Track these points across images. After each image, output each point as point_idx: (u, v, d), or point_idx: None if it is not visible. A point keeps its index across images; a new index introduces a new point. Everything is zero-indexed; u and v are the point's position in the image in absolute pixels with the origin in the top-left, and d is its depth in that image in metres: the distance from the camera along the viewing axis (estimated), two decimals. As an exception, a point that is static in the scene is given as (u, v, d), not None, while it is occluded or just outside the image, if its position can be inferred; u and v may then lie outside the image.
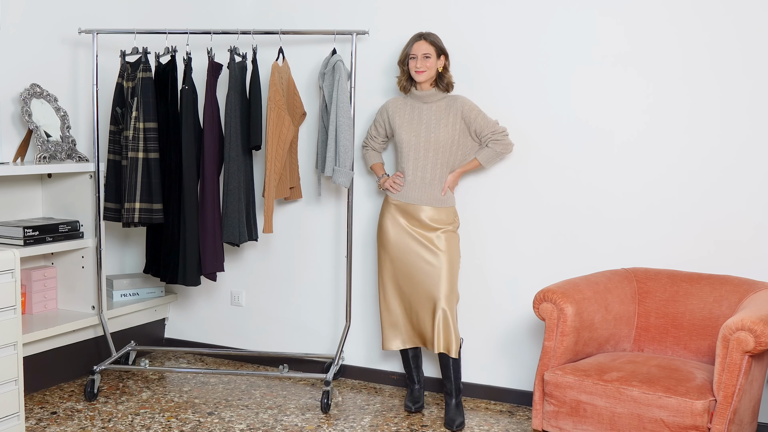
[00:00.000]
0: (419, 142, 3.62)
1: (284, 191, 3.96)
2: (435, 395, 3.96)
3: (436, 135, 3.60)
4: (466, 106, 3.62)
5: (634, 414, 2.86)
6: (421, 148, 3.62)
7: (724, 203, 3.42)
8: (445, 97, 3.67)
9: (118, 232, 4.54)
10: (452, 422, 3.55)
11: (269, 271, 4.37)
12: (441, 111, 3.63)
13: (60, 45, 4.16)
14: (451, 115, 3.62)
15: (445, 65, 3.64)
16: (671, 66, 3.47)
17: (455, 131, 3.62)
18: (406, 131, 3.65)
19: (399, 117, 3.69)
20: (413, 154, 3.63)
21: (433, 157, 3.61)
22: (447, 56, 3.64)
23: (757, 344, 2.70)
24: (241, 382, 4.13)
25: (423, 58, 3.57)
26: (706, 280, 3.29)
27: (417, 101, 3.68)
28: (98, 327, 4.11)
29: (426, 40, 3.59)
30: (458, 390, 3.64)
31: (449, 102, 3.65)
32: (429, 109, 3.65)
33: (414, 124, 3.65)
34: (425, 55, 3.57)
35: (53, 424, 3.52)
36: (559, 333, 3.13)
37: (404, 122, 3.67)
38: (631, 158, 3.57)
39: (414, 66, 3.59)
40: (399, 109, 3.71)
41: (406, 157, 3.65)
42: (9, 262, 3.11)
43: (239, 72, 3.89)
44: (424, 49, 3.57)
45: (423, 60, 3.57)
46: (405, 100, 3.72)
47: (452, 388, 3.62)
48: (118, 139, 3.96)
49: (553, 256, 3.73)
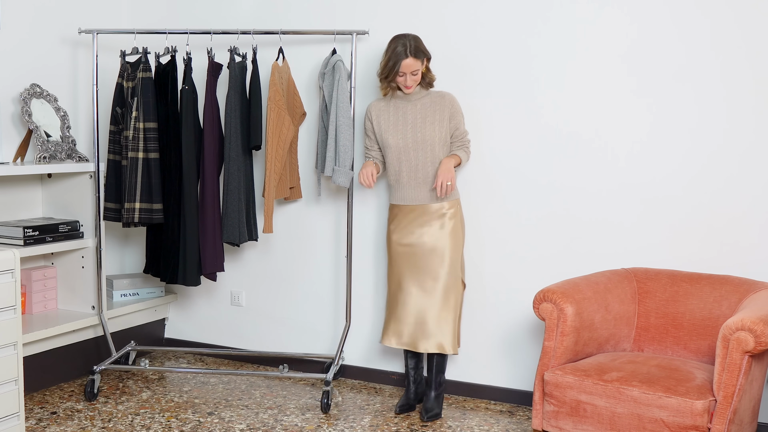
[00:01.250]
0: (407, 143, 3.58)
1: (284, 191, 3.96)
2: (435, 395, 3.96)
3: (423, 134, 3.57)
4: (455, 108, 3.60)
5: (634, 414, 2.86)
6: (410, 149, 3.58)
7: (725, 204, 3.42)
8: (429, 94, 3.62)
9: (118, 232, 4.55)
10: (427, 411, 3.64)
11: (269, 271, 4.37)
12: (426, 108, 3.59)
13: (60, 45, 4.16)
14: (438, 112, 3.58)
15: (427, 66, 3.58)
16: (673, 68, 3.47)
17: (443, 129, 3.58)
18: (392, 135, 3.61)
19: (384, 120, 3.64)
20: (404, 157, 3.59)
21: (423, 155, 3.57)
22: (429, 58, 3.58)
23: (757, 344, 2.70)
24: (241, 382, 4.13)
25: (411, 74, 3.52)
26: (706, 280, 3.29)
27: (400, 101, 3.63)
28: (98, 327, 4.11)
29: (412, 56, 3.49)
30: (439, 384, 3.71)
31: (435, 99, 3.60)
32: (414, 107, 3.60)
33: (399, 126, 3.60)
34: (413, 72, 3.51)
35: (53, 424, 3.52)
36: (559, 333, 3.13)
37: (390, 125, 3.62)
38: (632, 160, 3.57)
39: (404, 83, 3.54)
40: (382, 112, 3.65)
41: (397, 160, 3.61)
42: (9, 262, 3.11)
43: (239, 72, 3.89)
44: (413, 66, 3.50)
45: (412, 77, 3.53)
46: (387, 101, 3.66)
47: (434, 381, 3.70)
48: (118, 139, 3.97)
49: (553, 256, 3.73)
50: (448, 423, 3.62)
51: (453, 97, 3.63)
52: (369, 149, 3.77)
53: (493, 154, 3.81)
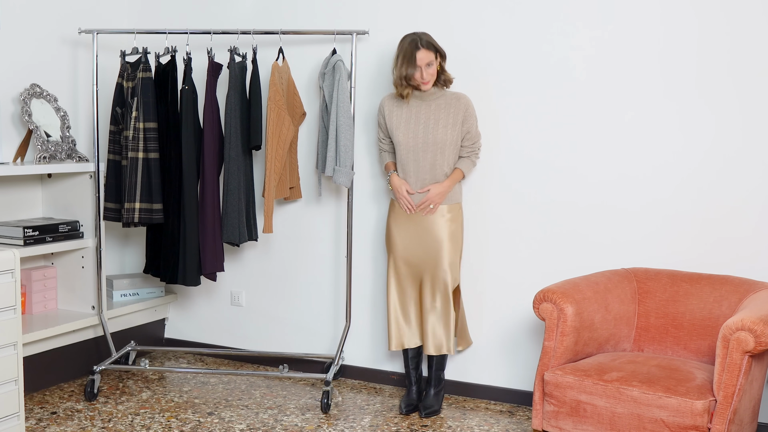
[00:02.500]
0: (417, 143, 3.55)
1: (284, 191, 3.96)
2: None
3: (434, 135, 3.53)
4: (469, 112, 3.56)
5: (634, 414, 2.86)
6: (420, 149, 3.54)
7: (726, 204, 3.42)
8: (444, 95, 3.58)
9: (118, 232, 4.54)
10: (426, 408, 3.66)
11: (269, 271, 4.37)
12: (441, 110, 3.54)
13: (60, 45, 4.16)
14: (452, 114, 3.54)
15: (442, 66, 3.54)
16: (669, 64, 3.47)
17: (455, 132, 3.54)
18: (403, 132, 3.56)
19: (396, 117, 3.59)
20: (412, 156, 3.56)
21: (432, 157, 3.54)
22: (444, 56, 3.54)
23: (757, 344, 2.70)
24: (241, 382, 4.13)
25: (426, 66, 3.45)
26: (706, 280, 3.29)
27: (415, 99, 3.58)
28: (98, 327, 4.11)
29: (424, 47, 3.44)
30: (438, 381, 3.74)
31: (450, 100, 3.56)
32: (428, 107, 3.56)
33: (411, 125, 3.55)
34: (428, 63, 3.45)
35: (53, 424, 3.52)
36: (559, 333, 3.13)
37: (401, 122, 3.57)
38: (632, 160, 3.57)
39: (420, 78, 3.46)
40: (395, 108, 3.61)
41: (406, 159, 3.58)
42: (9, 262, 3.11)
43: (239, 72, 3.89)
44: (426, 57, 3.43)
45: (426, 69, 3.45)
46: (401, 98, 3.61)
47: (434, 378, 3.73)
48: (118, 139, 3.97)
49: (552, 256, 3.73)
50: (448, 423, 3.62)
51: (468, 99, 3.59)
52: (382, 141, 3.76)
53: (494, 155, 3.81)
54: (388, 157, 3.77)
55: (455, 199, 3.64)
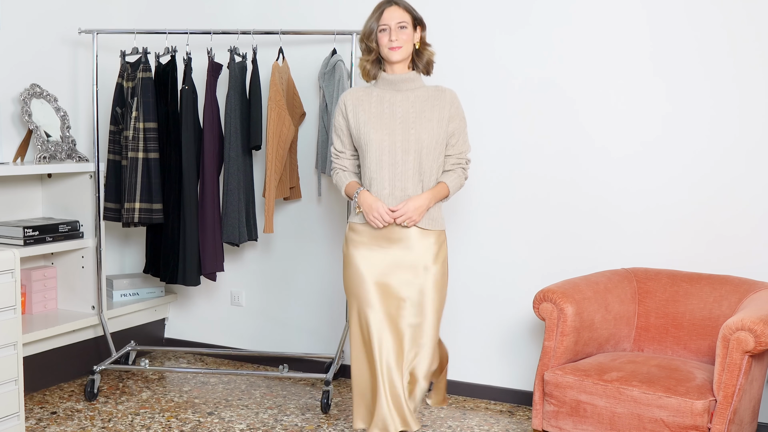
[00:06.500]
0: (394, 142, 2.79)
1: (284, 191, 3.96)
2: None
3: (416, 133, 2.79)
4: (456, 108, 2.88)
5: (634, 414, 2.86)
6: (398, 150, 2.78)
7: (726, 204, 3.42)
8: (424, 86, 2.89)
9: (118, 232, 4.55)
10: None
11: (269, 271, 4.37)
12: (422, 102, 2.83)
13: (60, 45, 4.16)
14: (437, 109, 2.83)
15: (422, 38, 2.87)
16: (673, 70, 3.47)
17: (440, 131, 2.82)
18: (375, 129, 2.79)
19: (364, 112, 2.83)
20: (387, 159, 2.78)
21: (414, 163, 2.79)
22: (424, 27, 2.86)
23: (757, 344, 2.70)
24: (241, 382, 4.13)
25: (398, 28, 2.76)
26: (706, 280, 3.29)
27: (387, 89, 2.85)
28: (98, 327, 4.11)
29: (398, 5, 2.79)
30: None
31: (434, 93, 2.87)
32: (405, 99, 2.82)
33: (385, 120, 2.80)
34: (400, 24, 2.77)
35: (53, 424, 3.52)
36: (559, 333, 3.13)
37: (371, 117, 2.81)
38: (633, 160, 3.57)
39: (387, 40, 2.76)
40: (362, 101, 2.84)
41: (378, 164, 2.79)
42: (9, 262, 3.11)
43: (239, 72, 3.89)
44: (398, 16, 2.76)
45: (398, 31, 2.76)
46: (369, 90, 2.89)
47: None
48: (118, 139, 3.97)
49: (552, 256, 3.73)
50: (448, 423, 3.62)
51: (454, 94, 2.92)
52: (339, 155, 2.93)
53: (489, 154, 3.80)
54: (348, 177, 2.94)
55: (439, 224, 2.86)
